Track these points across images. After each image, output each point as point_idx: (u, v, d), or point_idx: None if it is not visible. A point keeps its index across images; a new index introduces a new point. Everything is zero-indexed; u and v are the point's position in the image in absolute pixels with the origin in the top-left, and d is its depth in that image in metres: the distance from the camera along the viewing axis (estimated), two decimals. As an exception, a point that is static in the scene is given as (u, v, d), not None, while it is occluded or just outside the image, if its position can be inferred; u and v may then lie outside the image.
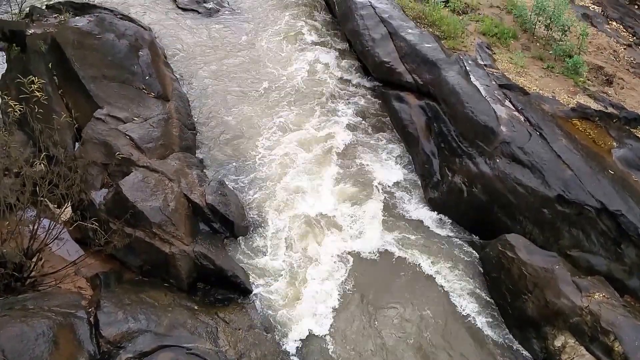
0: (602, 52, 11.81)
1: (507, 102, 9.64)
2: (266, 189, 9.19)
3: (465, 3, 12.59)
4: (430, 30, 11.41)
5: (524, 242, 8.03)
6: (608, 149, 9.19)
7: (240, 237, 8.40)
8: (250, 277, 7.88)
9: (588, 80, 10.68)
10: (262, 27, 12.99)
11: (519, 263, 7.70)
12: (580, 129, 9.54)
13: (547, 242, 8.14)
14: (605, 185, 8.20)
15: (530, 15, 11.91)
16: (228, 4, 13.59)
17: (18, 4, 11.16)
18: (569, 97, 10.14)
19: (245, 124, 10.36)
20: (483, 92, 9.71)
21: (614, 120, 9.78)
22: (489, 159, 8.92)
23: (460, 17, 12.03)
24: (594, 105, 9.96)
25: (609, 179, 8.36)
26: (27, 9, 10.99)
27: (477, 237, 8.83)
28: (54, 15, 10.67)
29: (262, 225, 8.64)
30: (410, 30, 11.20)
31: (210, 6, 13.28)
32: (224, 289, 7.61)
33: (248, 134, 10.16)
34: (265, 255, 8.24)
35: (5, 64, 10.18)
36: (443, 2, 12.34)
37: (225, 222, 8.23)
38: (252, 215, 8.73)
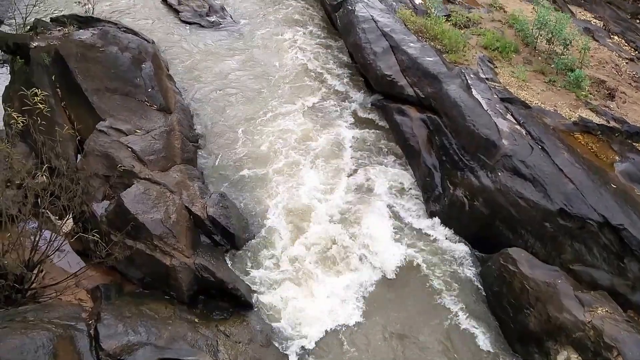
0: (604, 66, 11.97)
1: (508, 116, 9.76)
2: (268, 201, 9.29)
3: (466, 17, 12.79)
4: (432, 44, 11.58)
5: (526, 256, 8.09)
6: (610, 162, 9.29)
7: (242, 250, 8.48)
8: (252, 290, 7.93)
9: (590, 94, 10.81)
10: (264, 40, 13.20)
11: (520, 277, 7.75)
12: (583, 142, 9.65)
13: (550, 256, 8.20)
14: (608, 199, 8.28)
15: (532, 29, 12.08)
16: (231, 17, 13.83)
17: (23, 17, 11.35)
18: (570, 110, 10.26)
19: (248, 136, 10.50)
20: (484, 106, 9.84)
21: (616, 134, 9.89)
22: (490, 172, 9.02)
23: (462, 31, 12.21)
24: (596, 119, 10.08)
25: (611, 192, 8.44)
26: (32, 21, 11.16)
27: (478, 251, 8.89)
28: (58, 28, 10.81)
29: (264, 237, 8.73)
30: (411, 44, 11.37)
31: (212, 19, 13.51)
32: (225, 301, 7.67)
33: (250, 145, 10.30)
34: (266, 268, 8.31)
35: (9, 77, 10.32)
36: (444, 16, 12.54)
37: (226, 235, 8.32)
38: (253, 228, 8.82)
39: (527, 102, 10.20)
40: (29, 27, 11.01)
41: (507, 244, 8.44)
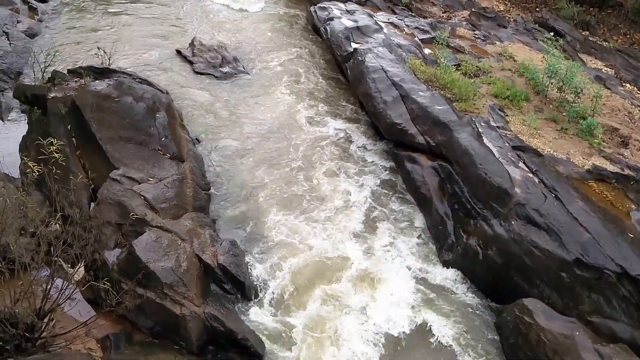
0: (616, 114, 12.36)
1: (521, 164, 10.08)
2: (279, 250, 9.57)
3: (476, 66, 13.37)
4: (442, 92, 12.10)
5: (542, 307, 8.19)
6: (626, 211, 9.47)
7: (252, 299, 8.69)
8: (261, 340, 8.07)
9: (603, 141, 11.14)
10: (275, 90, 13.89)
11: (537, 329, 7.84)
12: (597, 191, 9.87)
13: (567, 307, 8.30)
14: (625, 248, 8.44)
15: (543, 77, 12.58)
16: (243, 68, 14.59)
17: (41, 69, 12.09)
18: (584, 158, 10.56)
19: (259, 184, 10.94)
20: (496, 154, 10.19)
21: (632, 182, 10.11)
22: (504, 220, 9.25)
23: (472, 80, 12.75)
24: (610, 167, 10.35)
25: (629, 242, 8.60)
26: (50, 73, 11.86)
27: (493, 301, 9.01)
28: (75, 79, 11.41)
29: (274, 287, 8.94)
30: (421, 93, 11.90)
31: (225, 70, 14.26)
32: (234, 352, 7.82)
33: (261, 194, 10.71)
34: (276, 319, 8.48)
35: (27, 127, 10.91)
36: (454, 65, 13.12)
37: (236, 283, 8.57)
38: (264, 277, 9.06)
39: (539, 150, 10.54)
40: (47, 79, 11.68)
41: (522, 294, 8.57)
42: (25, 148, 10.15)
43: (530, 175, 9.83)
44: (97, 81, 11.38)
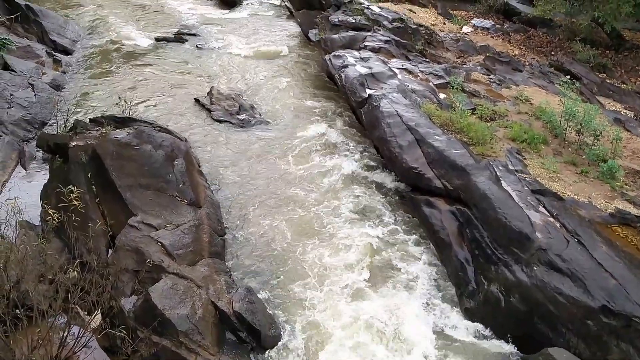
0: (638, 156, 12.36)
1: (541, 208, 10.07)
2: (296, 298, 9.57)
3: (492, 110, 13.57)
4: (458, 136, 12.26)
5: (569, 357, 8.01)
6: (654, 256, 9.33)
7: (269, 348, 8.63)
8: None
9: (625, 184, 11.09)
10: (292, 137, 14.25)
11: (564, 380, 7.65)
12: (622, 235, 9.77)
13: (595, 357, 8.10)
14: (654, 295, 8.28)
15: (560, 120, 12.69)
16: (260, 115, 15.05)
17: (64, 119, 12.65)
18: (606, 202, 10.50)
19: (275, 230, 11.07)
20: (516, 198, 10.21)
21: (657, 227, 10.01)
22: (525, 266, 9.17)
23: (488, 124, 12.91)
24: (634, 210, 10.26)
25: (657, 288, 8.44)
26: (72, 122, 12.39)
27: (517, 350, 8.81)
28: (96, 129, 11.90)
29: (291, 336, 8.90)
30: (437, 137, 12.07)
31: (243, 117, 14.72)
32: (250, 403, 7.77)
33: (278, 239, 10.82)
34: (292, 368, 8.42)
35: (48, 175, 11.32)
36: (469, 109, 13.34)
37: (252, 332, 8.55)
38: (280, 324, 9.03)
39: (559, 193, 10.52)
40: (69, 128, 12.19)
41: (547, 343, 8.39)
42: (46, 196, 10.50)
43: (551, 219, 9.79)
44: (117, 130, 11.82)
